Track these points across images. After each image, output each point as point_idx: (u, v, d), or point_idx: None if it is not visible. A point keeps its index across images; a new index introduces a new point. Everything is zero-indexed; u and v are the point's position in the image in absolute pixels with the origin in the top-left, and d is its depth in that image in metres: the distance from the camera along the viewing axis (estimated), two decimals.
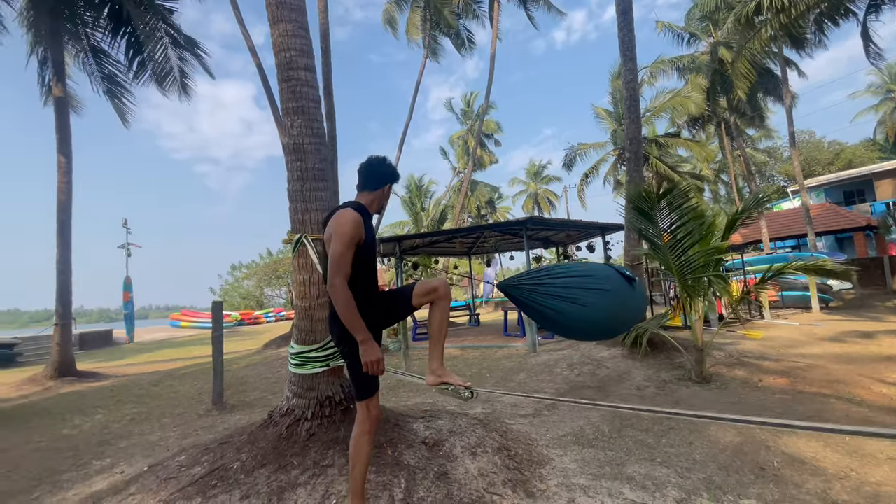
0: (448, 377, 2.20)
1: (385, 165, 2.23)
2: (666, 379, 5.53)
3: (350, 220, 2.00)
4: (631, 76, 7.10)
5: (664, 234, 5.51)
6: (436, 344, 2.26)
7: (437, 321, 2.24)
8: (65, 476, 3.65)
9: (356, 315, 1.94)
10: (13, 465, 3.99)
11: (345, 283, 1.94)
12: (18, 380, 8.23)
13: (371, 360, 1.94)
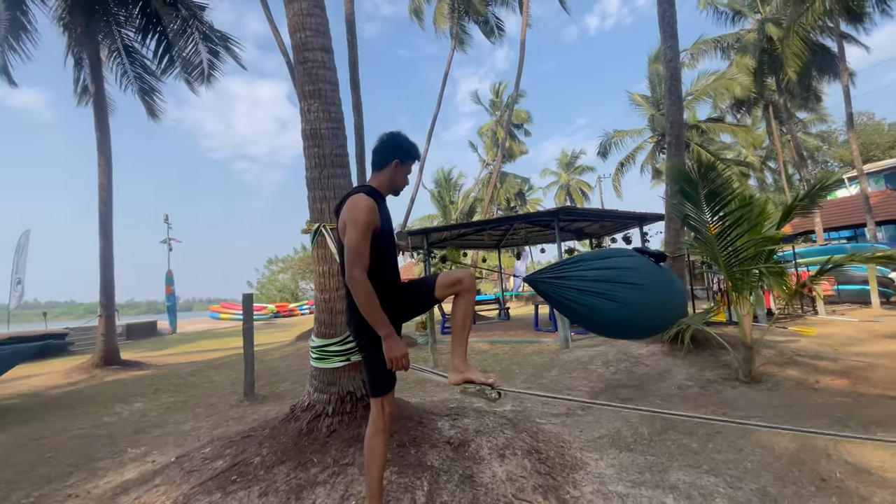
0: (472, 374, 2.03)
1: (392, 140, 2.06)
2: (710, 378, 5.18)
3: (363, 205, 1.86)
4: (672, 54, 6.64)
5: (710, 225, 5.13)
6: (459, 339, 2.10)
7: (461, 315, 2.08)
8: (100, 463, 3.73)
9: (378, 308, 1.81)
10: (54, 451, 4.12)
11: (364, 274, 1.81)
12: (67, 368, 8.67)
13: (396, 356, 1.81)
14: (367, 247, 1.85)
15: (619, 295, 2.15)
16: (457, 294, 2.07)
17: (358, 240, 1.83)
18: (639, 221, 10.25)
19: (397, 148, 2.05)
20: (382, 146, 2.06)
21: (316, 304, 2.83)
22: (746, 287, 5.24)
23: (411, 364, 2.34)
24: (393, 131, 2.10)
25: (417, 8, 17.02)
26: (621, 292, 2.15)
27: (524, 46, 14.83)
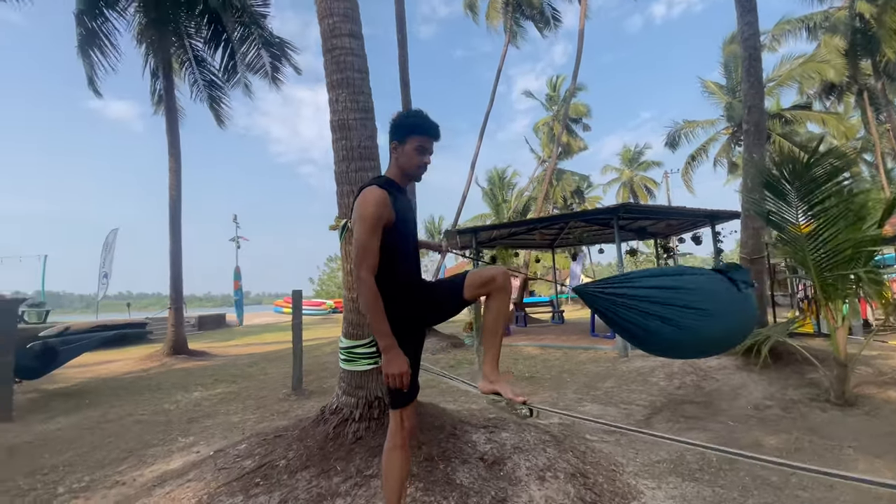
0: (501, 387, 1.79)
1: (396, 119, 1.83)
2: (794, 398, 4.52)
3: (371, 199, 1.68)
4: (750, 31, 5.90)
5: (799, 224, 4.46)
6: (491, 344, 1.86)
7: (492, 317, 1.85)
8: (152, 451, 3.87)
9: (380, 315, 1.63)
10: (116, 435, 4.36)
11: (370, 275, 1.64)
12: (142, 355, 9.38)
13: (393, 373, 1.61)
14: (375, 244, 1.68)
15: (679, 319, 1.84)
16: (489, 294, 1.83)
17: (364, 237, 1.66)
18: (710, 219, 9.35)
19: (392, 128, 1.84)
20: (390, 128, 1.87)
21: (344, 303, 2.72)
22: (840, 295, 4.51)
23: (439, 369, 2.13)
24: (402, 111, 1.89)
25: (473, 3, 16.79)
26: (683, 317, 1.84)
27: (582, 36, 14.13)
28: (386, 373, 1.62)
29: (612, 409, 4.38)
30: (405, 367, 1.63)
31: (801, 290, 9.38)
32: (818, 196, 4.22)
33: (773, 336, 5.09)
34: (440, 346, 8.88)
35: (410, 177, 1.86)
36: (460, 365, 7.16)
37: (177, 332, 9.13)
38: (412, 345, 1.79)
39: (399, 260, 1.75)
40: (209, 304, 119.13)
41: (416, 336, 1.84)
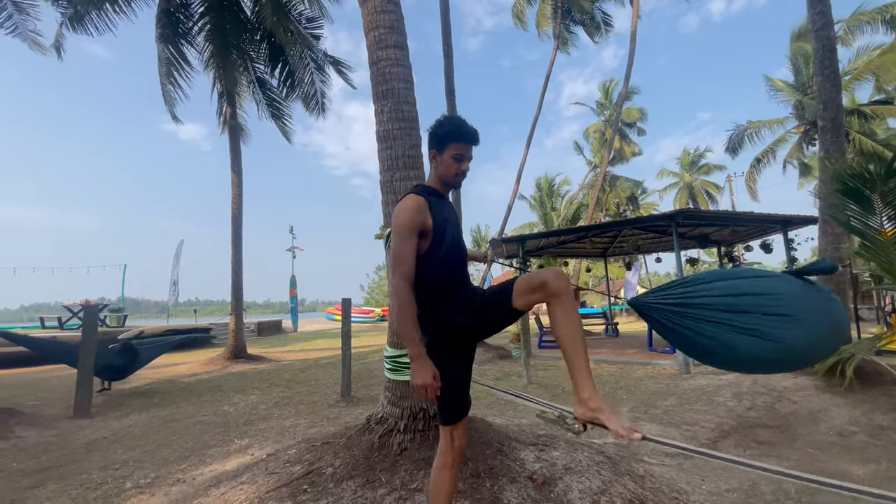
0: (606, 416, 1.47)
1: (433, 126, 1.79)
2: (884, 424, 4.01)
3: (406, 207, 1.66)
4: (822, 21, 5.40)
5: (884, 230, 3.98)
6: (575, 361, 1.55)
7: (564, 328, 1.56)
8: (210, 451, 4.05)
9: (410, 323, 1.56)
10: (179, 435, 4.62)
11: (403, 282, 1.59)
12: (206, 359, 9.97)
13: (419, 384, 1.52)
14: (408, 251, 1.63)
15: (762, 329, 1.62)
16: (547, 303, 1.61)
17: (398, 246, 1.63)
18: (782, 225, 8.59)
19: (430, 137, 1.80)
20: (428, 137, 1.83)
21: (389, 311, 2.71)
22: None
23: (504, 388, 2.03)
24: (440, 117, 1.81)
25: (521, 12, 16.76)
26: (766, 325, 1.62)
27: (635, 39, 13.64)
28: (413, 384, 1.54)
29: (672, 430, 4.07)
30: (430, 379, 1.52)
31: (890, 302, 8.39)
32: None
33: (858, 354, 4.57)
34: (486, 357, 8.75)
35: (450, 185, 1.82)
36: (507, 377, 7.00)
37: (237, 338, 9.62)
38: (462, 357, 1.71)
39: (437, 266, 1.69)
40: (268, 310, 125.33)
41: (465, 348, 1.75)
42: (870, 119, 17.06)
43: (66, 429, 4.96)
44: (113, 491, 3.25)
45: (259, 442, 4.22)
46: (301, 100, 10.19)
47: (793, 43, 16.97)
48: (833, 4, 5.59)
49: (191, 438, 4.46)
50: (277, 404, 5.89)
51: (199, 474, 3.43)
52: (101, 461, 3.86)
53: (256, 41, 9.91)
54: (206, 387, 7.26)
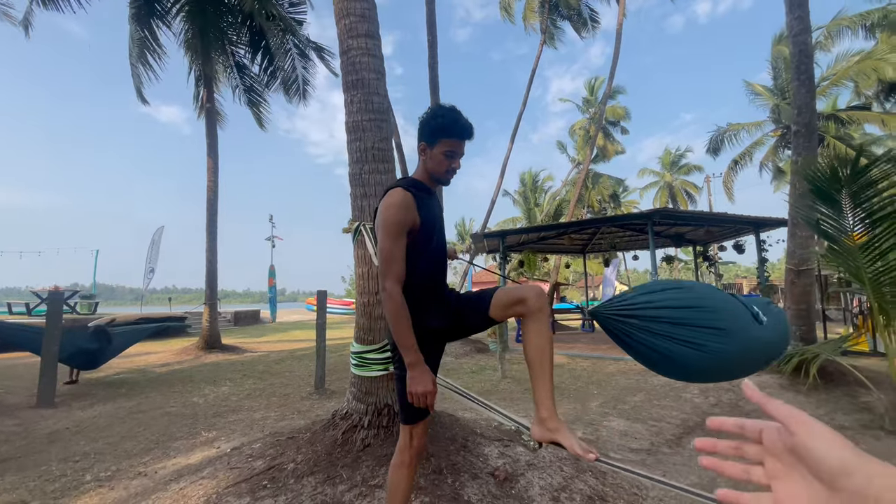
0: (563, 437, 1.48)
1: (424, 118, 1.67)
2: (845, 424, 4.15)
3: (395, 203, 1.56)
4: (800, 26, 5.49)
5: (853, 233, 4.09)
6: (540, 378, 1.57)
7: (534, 346, 1.58)
8: (176, 443, 3.97)
9: (407, 329, 1.50)
10: (145, 427, 4.51)
11: (397, 286, 1.52)
12: (179, 348, 9.76)
13: (418, 391, 1.47)
14: (400, 251, 1.55)
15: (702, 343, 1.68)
16: (522, 317, 1.62)
17: (389, 246, 1.53)
18: (755, 227, 8.81)
19: (421, 127, 1.68)
20: (418, 129, 1.71)
21: (356, 307, 2.67)
22: None
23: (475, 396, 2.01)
24: (432, 108, 1.70)
25: (508, 3, 16.66)
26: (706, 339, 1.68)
27: (620, 37, 13.70)
28: (410, 391, 1.48)
29: (639, 426, 4.15)
30: (431, 386, 1.48)
31: (857, 304, 8.69)
32: (877, 203, 3.85)
33: (823, 354, 4.71)
34: (464, 350, 8.78)
35: (438, 181, 1.71)
36: (482, 371, 7.03)
37: (211, 328, 9.44)
38: (430, 357, 1.66)
39: (422, 266, 1.63)
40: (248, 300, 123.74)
41: (434, 348, 1.70)
42: (846, 124, 17.54)
43: (28, 418, 4.80)
44: (72, 483, 3.17)
45: (226, 435, 4.15)
46: (282, 85, 9.96)
47: (774, 47, 17.31)
48: (814, 10, 5.70)
49: (157, 430, 4.36)
50: (249, 396, 5.80)
51: (162, 468, 3.35)
52: (62, 453, 3.75)
53: (237, 24, 9.62)
54: (178, 377, 7.11)
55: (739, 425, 0.45)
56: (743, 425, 0.45)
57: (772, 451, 0.42)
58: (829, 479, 0.37)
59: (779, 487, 0.41)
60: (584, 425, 4.10)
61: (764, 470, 0.43)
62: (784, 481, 0.41)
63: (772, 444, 0.42)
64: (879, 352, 7.12)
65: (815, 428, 0.39)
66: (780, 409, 0.42)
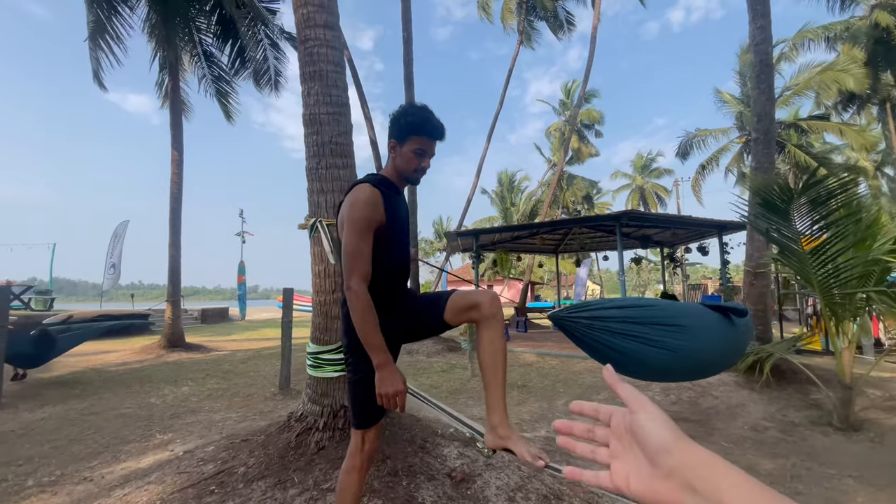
0: (514, 444, 1.48)
1: (395, 115, 1.63)
2: (795, 420, 4.33)
3: (362, 199, 1.51)
4: (762, 36, 5.69)
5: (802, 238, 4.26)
6: (492, 385, 1.56)
7: (487, 352, 1.56)
8: (127, 447, 3.81)
9: (374, 329, 1.45)
10: (97, 428, 4.31)
11: (363, 285, 1.47)
12: (140, 347, 9.39)
13: (388, 392, 1.43)
14: (367, 250, 1.50)
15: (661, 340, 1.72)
16: (476, 323, 1.60)
17: (355, 242, 1.48)
18: (718, 230, 9.11)
19: (391, 124, 1.64)
20: (389, 125, 1.67)
21: (313, 306, 2.61)
22: (849, 314, 4.30)
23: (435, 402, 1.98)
24: (404, 105, 1.65)
25: (485, 3, 16.71)
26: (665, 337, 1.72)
27: (595, 40, 13.91)
28: (380, 392, 1.44)
29: None
30: (401, 386, 1.44)
31: (811, 305, 9.10)
32: (820, 213, 4.02)
33: (776, 353, 4.90)
34: (436, 349, 8.77)
35: (406, 180, 1.67)
36: (452, 370, 7.03)
37: (174, 325, 9.12)
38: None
39: (383, 266, 1.58)
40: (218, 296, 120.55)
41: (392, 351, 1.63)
42: (807, 133, 18.35)
43: None
44: (12, 489, 3.01)
45: (182, 437, 4.01)
46: (252, 75, 9.68)
47: (741, 56, 17.93)
48: (781, 23, 5.91)
49: (108, 433, 4.18)
50: (210, 396, 5.63)
51: (109, 472, 3.21)
52: (5, 456, 3.57)
53: (206, 11, 9.29)
54: (135, 377, 6.84)
55: (595, 409, 0.49)
56: (598, 409, 0.48)
57: (617, 434, 0.46)
58: (652, 456, 0.41)
59: (616, 465, 0.45)
60: (548, 423, 4.14)
61: (608, 451, 0.46)
62: (621, 460, 0.44)
63: (617, 426, 0.46)
64: (831, 351, 7.47)
65: (648, 408, 0.43)
66: (624, 390, 0.46)
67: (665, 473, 0.39)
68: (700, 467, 0.38)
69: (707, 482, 0.37)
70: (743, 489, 0.36)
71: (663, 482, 0.39)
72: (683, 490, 0.38)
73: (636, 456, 0.43)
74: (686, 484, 0.38)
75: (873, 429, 4.07)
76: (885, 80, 16.38)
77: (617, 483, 0.44)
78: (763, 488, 0.36)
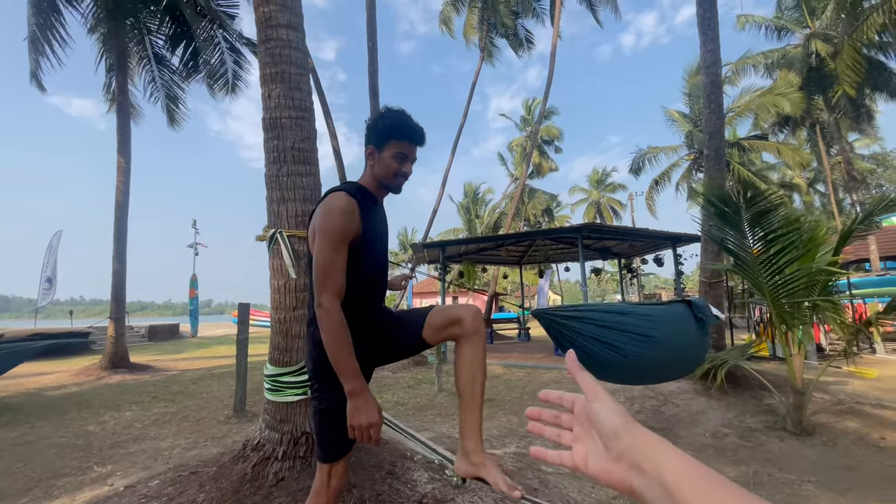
0: (488, 473, 1.38)
1: (372, 120, 1.53)
2: (752, 426, 4.48)
3: (337, 207, 1.38)
4: (712, 59, 6.04)
5: (753, 249, 4.48)
6: (470, 410, 1.47)
7: (467, 371, 1.47)
8: (61, 481, 3.43)
9: (347, 354, 1.31)
10: (25, 461, 3.87)
11: (336, 302, 1.33)
12: (79, 368, 8.64)
13: (361, 424, 1.28)
14: (341, 263, 1.37)
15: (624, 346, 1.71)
16: (456, 339, 1.50)
17: (328, 254, 1.35)
18: (672, 242, 9.51)
19: (368, 130, 1.54)
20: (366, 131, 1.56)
21: (271, 324, 2.43)
22: (797, 322, 4.53)
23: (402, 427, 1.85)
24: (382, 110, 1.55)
25: (448, 18, 16.95)
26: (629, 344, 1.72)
27: (554, 58, 14.36)
28: (352, 423, 1.29)
29: None
30: (376, 417, 1.29)
31: (758, 313, 9.61)
32: (766, 226, 4.24)
33: (729, 360, 5.08)
34: (402, 363, 8.56)
35: (387, 187, 1.55)
36: (419, 385, 6.88)
37: (117, 344, 8.45)
38: None
39: (357, 282, 1.45)
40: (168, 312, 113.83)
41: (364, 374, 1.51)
42: (748, 151, 19.68)
43: None
44: None
45: (124, 469, 3.65)
46: (206, 78, 9.26)
47: (689, 79, 19.06)
48: (726, 47, 6.29)
49: (40, 466, 3.76)
50: (157, 422, 5.20)
51: None
52: None
53: (158, 12, 8.84)
54: (73, 402, 6.25)
55: (559, 397, 0.54)
56: (562, 397, 0.53)
57: (578, 419, 0.50)
58: (605, 440, 0.45)
59: (576, 447, 0.49)
60: (518, 439, 4.07)
61: (571, 434, 0.51)
62: (581, 442, 0.49)
63: (579, 412, 0.50)
64: (778, 356, 7.89)
65: (602, 397, 0.48)
66: (584, 379, 0.50)
67: (615, 455, 0.43)
68: (645, 449, 0.42)
69: (651, 462, 0.40)
70: (682, 466, 0.39)
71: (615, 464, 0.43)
72: (631, 469, 0.42)
73: (594, 440, 0.47)
74: (634, 464, 0.42)
75: (825, 433, 4.26)
76: (816, 104, 17.85)
77: (577, 462, 0.48)
78: (700, 466, 0.39)
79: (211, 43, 9.04)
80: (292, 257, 2.19)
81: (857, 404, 5.16)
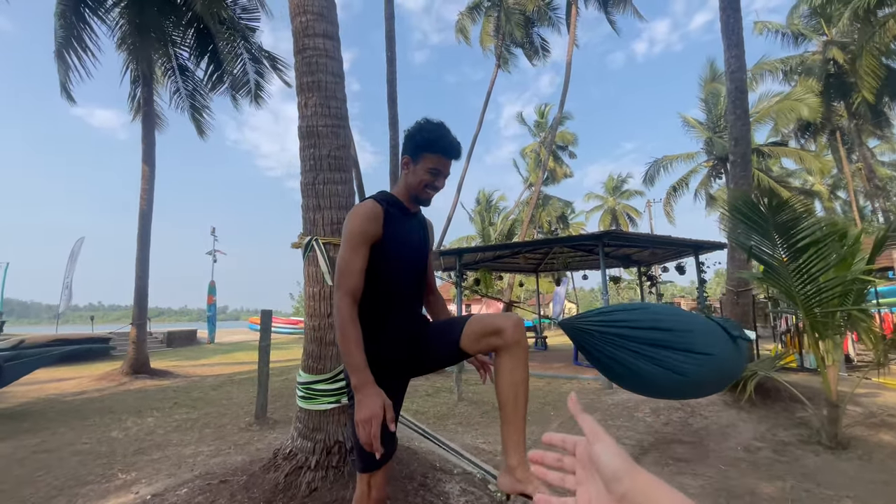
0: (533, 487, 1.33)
1: (411, 131, 1.55)
2: (785, 440, 4.32)
3: (359, 213, 1.44)
4: (737, 64, 5.94)
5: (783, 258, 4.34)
6: (513, 423, 1.42)
7: (509, 383, 1.42)
8: (85, 489, 3.44)
9: (354, 347, 1.31)
10: (49, 468, 3.90)
11: (348, 299, 1.36)
12: (100, 373, 8.76)
13: (363, 418, 1.24)
14: (357, 264, 1.40)
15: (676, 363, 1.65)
16: (497, 350, 1.45)
17: (345, 255, 1.41)
18: (694, 250, 9.33)
19: (406, 141, 1.56)
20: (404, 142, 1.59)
21: (305, 331, 2.41)
22: (830, 332, 4.37)
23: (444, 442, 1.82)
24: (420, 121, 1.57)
25: (464, 28, 17.11)
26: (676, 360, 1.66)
27: (570, 67, 14.37)
28: (356, 418, 1.26)
29: None
30: (377, 409, 1.24)
31: (785, 323, 9.35)
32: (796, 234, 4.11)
33: (759, 371, 4.92)
34: None
35: (416, 199, 1.58)
36: (438, 393, 6.82)
37: (138, 350, 8.56)
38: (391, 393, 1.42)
39: (380, 285, 1.46)
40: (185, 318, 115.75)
41: (395, 383, 1.49)
42: (767, 157, 19.34)
43: None
44: None
45: (148, 476, 3.66)
46: (230, 90, 9.44)
47: (706, 86, 18.87)
48: None
49: (63, 473, 3.78)
50: (179, 428, 5.23)
51: None
52: None
53: (182, 25, 9.07)
54: (94, 407, 6.32)
55: (563, 440, 0.53)
56: (565, 440, 0.53)
57: (581, 462, 0.49)
58: (607, 482, 0.44)
59: (580, 491, 0.49)
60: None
61: (574, 478, 0.50)
62: (585, 486, 0.48)
63: (581, 455, 0.49)
64: (806, 367, 7.65)
65: (603, 439, 0.47)
66: (585, 421, 0.49)
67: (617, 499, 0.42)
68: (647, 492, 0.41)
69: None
70: None
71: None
72: None
73: (597, 482, 0.46)
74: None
75: (860, 446, 4.09)
76: (837, 110, 17.52)
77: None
78: None
79: (234, 54, 9.22)
80: (328, 265, 2.18)
81: (889, 416, 4.96)
